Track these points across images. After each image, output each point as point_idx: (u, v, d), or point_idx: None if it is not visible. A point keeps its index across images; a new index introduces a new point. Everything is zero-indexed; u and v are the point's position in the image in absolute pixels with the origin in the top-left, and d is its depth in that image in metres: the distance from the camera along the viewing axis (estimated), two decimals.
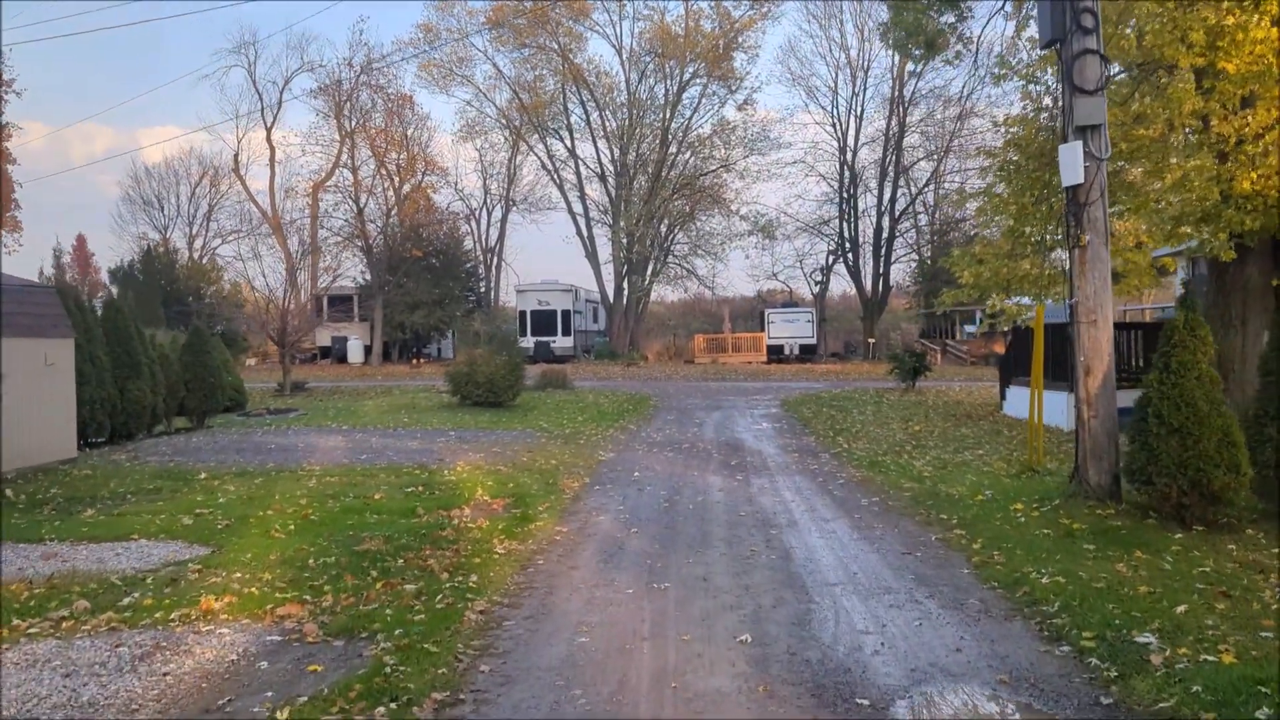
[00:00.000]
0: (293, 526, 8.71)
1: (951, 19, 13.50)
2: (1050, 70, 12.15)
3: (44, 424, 12.65)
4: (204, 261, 53.91)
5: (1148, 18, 10.65)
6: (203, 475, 12.08)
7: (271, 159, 52.19)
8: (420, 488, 10.79)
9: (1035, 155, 12.42)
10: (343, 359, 44.76)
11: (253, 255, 48.16)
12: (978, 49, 13.08)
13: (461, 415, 20.51)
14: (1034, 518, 8.23)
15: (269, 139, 52.63)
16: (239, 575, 6.90)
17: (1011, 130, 13.33)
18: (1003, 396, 20.44)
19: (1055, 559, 6.78)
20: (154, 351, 16.51)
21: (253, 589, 6.53)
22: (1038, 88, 12.83)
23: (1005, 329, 20.70)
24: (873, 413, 20.41)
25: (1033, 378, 11.72)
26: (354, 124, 45.44)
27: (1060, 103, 8.77)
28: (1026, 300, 36.00)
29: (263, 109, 53.55)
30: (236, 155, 54.72)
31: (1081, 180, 8.09)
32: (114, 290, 46.55)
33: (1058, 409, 16.95)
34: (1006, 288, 13.72)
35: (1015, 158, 13.13)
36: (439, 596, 6.33)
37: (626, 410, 21.79)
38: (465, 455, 13.84)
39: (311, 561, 7.26)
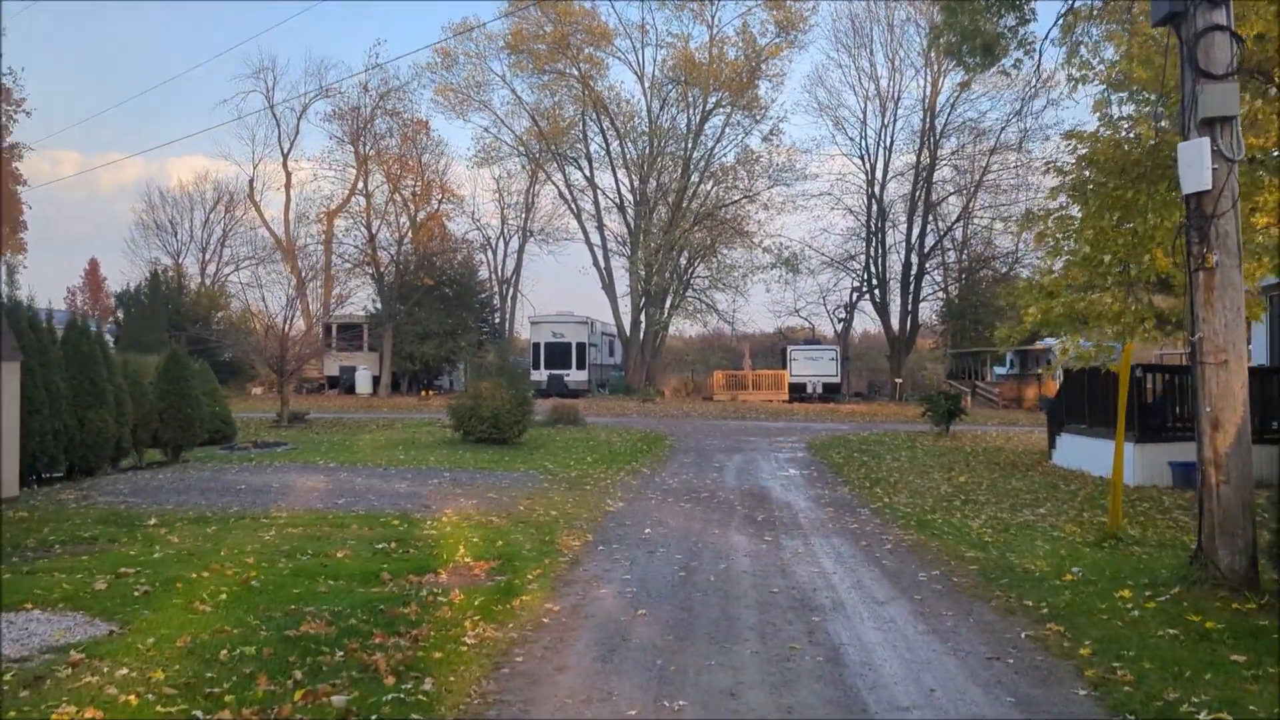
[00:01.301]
0: (225, 595, 7.10)
1: (1012, 21, 11.94)
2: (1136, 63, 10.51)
3: None
4: (214, 287, 52.78)
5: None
6: (152, 521, 10.52)
7: (287, 185, 51.24)
8: (393, 544, 9.17)
9: (1117, 171, 10.79)
10: (351, 390, 43.34)
11: (254, 282, 46.74)
12: (1040, 54, 11.41)
13: (462, 453, 18.92)
14: (1149, 610, 6.51)
15: (285, 165, 51.76)
16: (124, 673, 5.29)
17: (1083, 145, 11.67)
18: (1052, 444, 18.70)
19: (1204, 678, 5.08)
20: (122, 379, 15.02)
21: (131, 696, 4.91)
22: (1119, 95, 11.20)
23: (1059, 371, 19.01)
24: (908, 459, 18.69)
25: (1118, 429, 10.02)
26: (368, 149, 44.37)
27: (1166, 98, 7.14)
28: (1054, 341, 34.14)
29: (280, 135, 52.77)
30: (251, 181, 53.67)
31: (1209, 186, 6.47)
32: (119, 315, 45.38)
33: (1109, 460, 15.38)
34: (1082, 324, 12.01)
35: (1091, 174, 11.48)
36: (373, 718, 4.70)
37: (640, 451, 20.15)
38: (456, 502, 12.22)
39: (226, 652, 5.64)
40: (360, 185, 45.14)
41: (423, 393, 41.66)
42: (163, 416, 16.04)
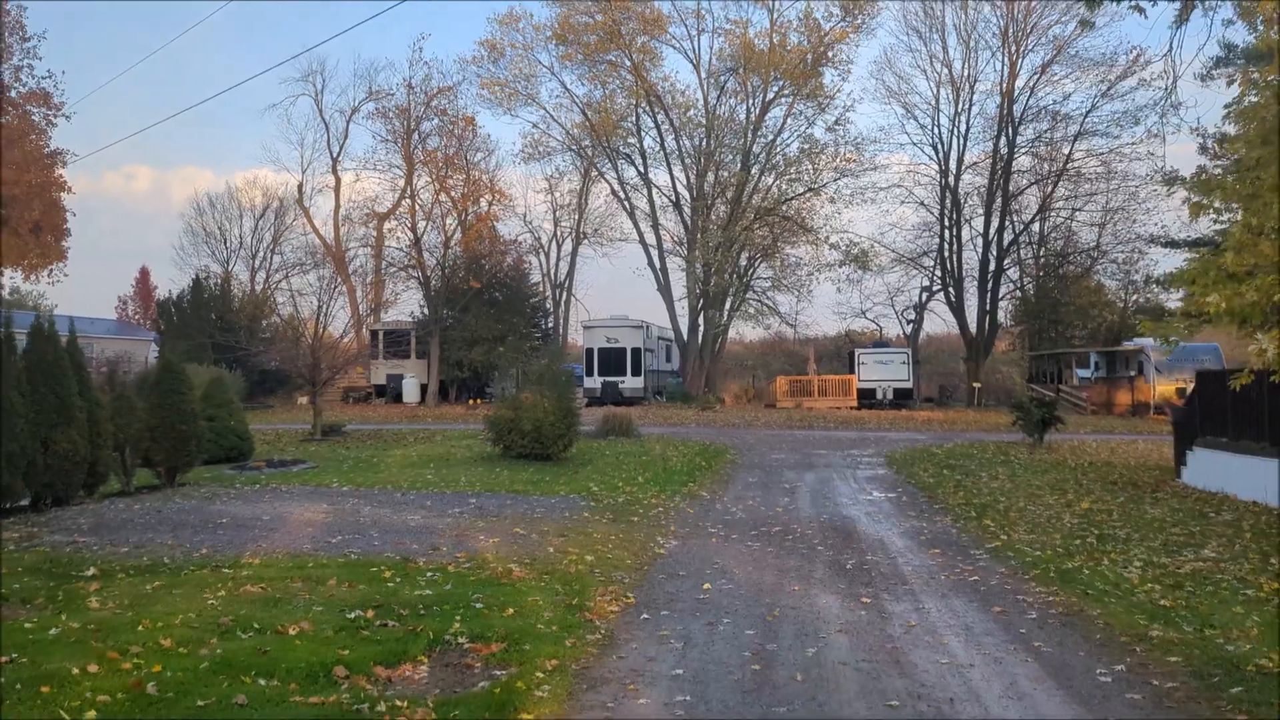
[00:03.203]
0: (93, 714, 4.93)
1: None
2: None
3: None
4: (259, 294, 51.52)
5: None
6: (89, 572, 8.46)
7: (336, 190, 49.85)
8: (371, 610, 6.94)
9: None
10: (398, 398, 41.63)
11: (302, 289, 45.29)
12: None
13: (498, 471, 16.78)
14: None
15: (334, 169, 50.37)
16: None
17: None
18: (1180, 460, 15.99)
19: None
20: (101, 393, 13.10)
21: None
22: None
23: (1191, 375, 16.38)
24: (1008, 477, 16.09)
25: None
26: (415, 149, 42.65)
27: None
28: (1148, 341, 31.01)
29: (329, 138, 51.43)
30: (301, 186, 52.37)
31: None
32: (161, 324, 44.24)
33: (1263, 482, 12.86)
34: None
35: None
36: None
37: (699, 467, 17.78)
38: (473, 541, 10.01)
39: None
40: (408, 187, 43.46)
41: (470, 401, 39.74)
42: (154, 434, 14.07)
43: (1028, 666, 5.92)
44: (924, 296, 45.93)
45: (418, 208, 42.94)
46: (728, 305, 44.11)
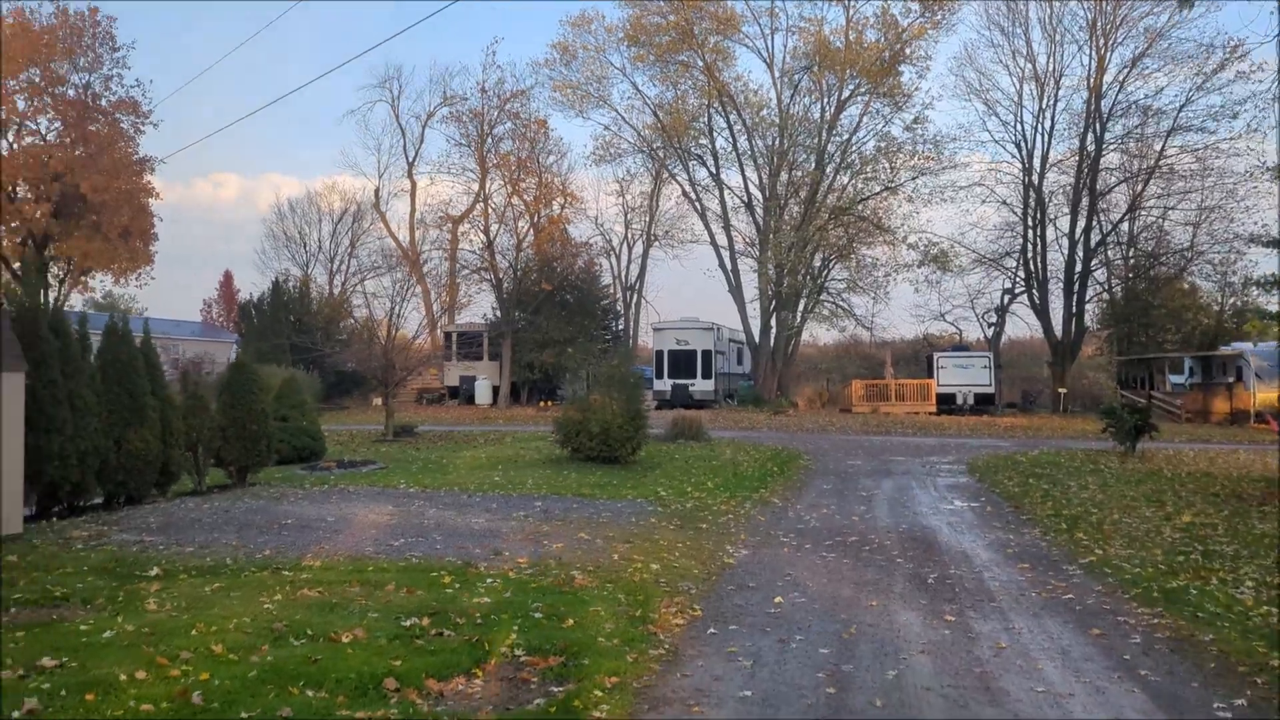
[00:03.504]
0: None
1: None
2: None
3: None
4: (336, 296, 52.28)
5: None
6: (152, 572, 8.37)
7: (412, 194, 50.37)
8: (428, 618, 6.67)
9: None
10: (471, 400, 41.83)
11: (377, 291, 45.81)
12: None
13: (566, 474, 16.53)
14: None
15: (410, 174, 50.91)
16: None
17: None
18: None
19: None
20: (174, 392, 13.16)
21: None
22: None
23: None
24: (1099, 487, 15.27)
25: None
26: (488, 152, 42.84)
27: None
28: (1248, 346, 29.48)
29: (404, 144, 52.03)
30: (378, 191, 53.08)
31: None
32: (242, 326, 45.13)
33: None
34: None
35: None
36: None
37: (771, 473, 17.29)
38: (536, 546, 9.72)
39: None
40: (481, 190, 43.70)
41: (541, 403, 39.70)
42: (225, 434, 14.10)
43: (1134, 698, 5.38)
44: (1006, 299, 44.62)
45: (490, 211, 43.15)
46: (801, 307, 43.37)
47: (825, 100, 41.73)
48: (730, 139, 42.96)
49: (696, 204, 44.91)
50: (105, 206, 38.36)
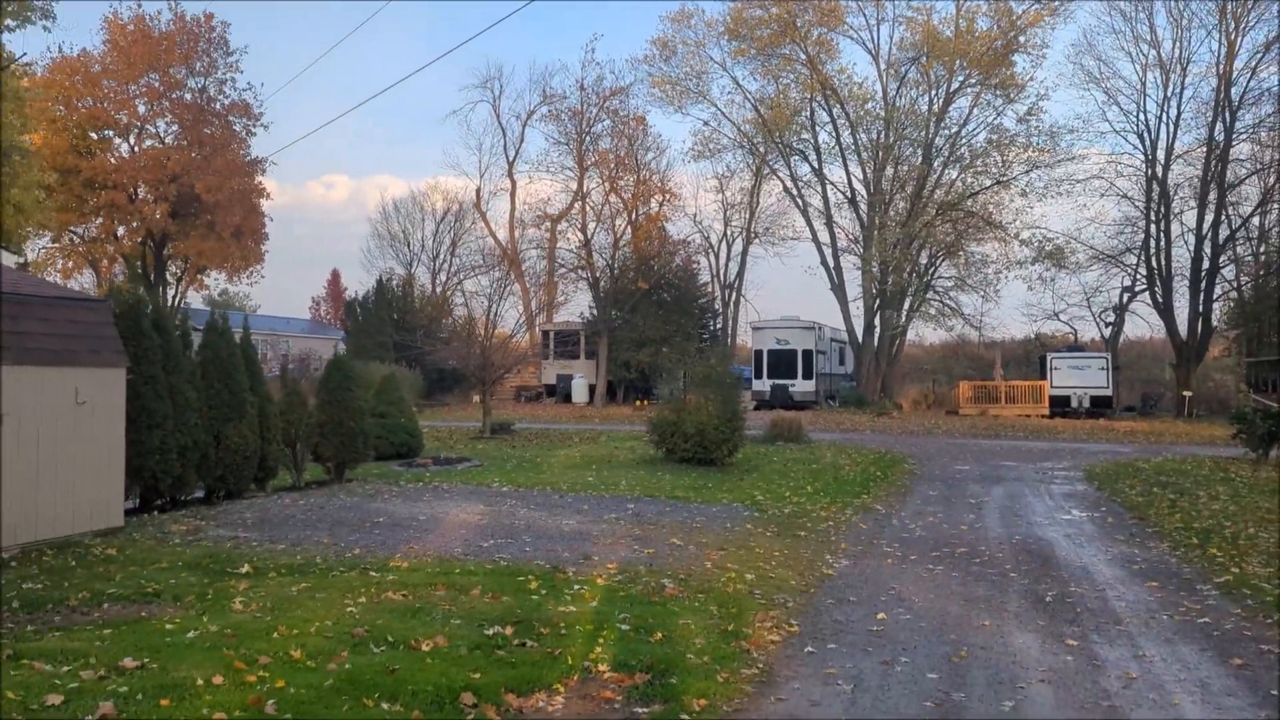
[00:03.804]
0: None
1: None
2: None
3: (73, 483, 9.39)
4: (438, 295, 53.05)
5: None
6: (243, 569, 8.36)
7: (512, 193, 50.75)
8: (511, 627, 6.40)
9: None
10: (567, 398, 41.96)
11: (478, 290, 46.24)
12: None
13: (660, 475, 16.22)
14: None
15: (510, 173, 51.30)
16: None
17: None
18: None
19: None
20: (272, 388, 13.27)
21: None
22: None
23: None
24: (1230, 497, 14.21)
25: None
26: (587, 149, 42.88)
27: None
28: None
29: (505, 143, 52.49)
30: (479, 190, 53.68)
31: None
32: (347, 323, 46.14)
33: None
34: None
35: None
36: None
37: (874, 478, 16.65)
38: (627, 550, 9.42)
39: None
40: (579, 188, 43.76)
41: (637, 402, 39.49)
42: (322, 430, 14.20)
43: None
44: (1125, 297, 42.57)
45: (588, 209, 43.16)
46: (906, 306, 42.16)
47: (933, 92, 40.47)
48: (833, 133, 42.06)
49: (798, 200, 44.11)
50: (219, 206, 39.70)
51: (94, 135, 39.15)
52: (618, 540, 10.04)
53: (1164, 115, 39.85)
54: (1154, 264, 40.38)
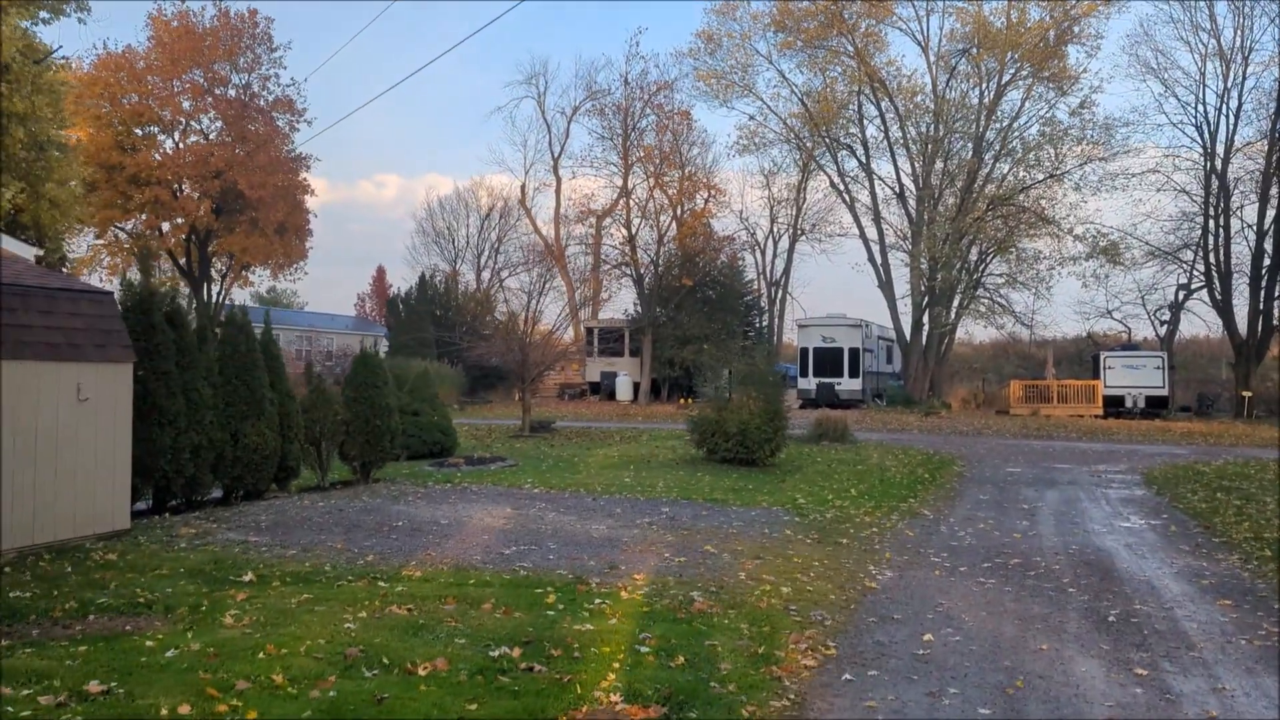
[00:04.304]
0: None
1: None
2: None
3: (75, 484, 9.05)
4: (480, 292, 52.87)
5: None
6: (246, 577, 7.92)
7: (557, 190, 50.39)
8: (519, 648, 5.89)
9: None
10: (611, 395, 41.54)
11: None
12: None
13: (699, 476, 15.68)
14: None
15: (555, 170, 50.96)
16: None
17: None
18: None
19: None
20: (289, 383, 12.90)
21: None
22: None
23: None
24: None
25: None
26: (632, 144, 42.38)
27: None
28: None
29: (550, 139, 52.17)
30: (523, 187, 53.40)
31: None
32: (390, 320, 46.12)
33: None
34: None
35: None
36: None
37: (921, 480, 15.96)
38: (656, 558, 8.88)
39: None
40: (624, 184, 43.26)
41: (681, 400, 38.93)
42: (348, 429, 13.82)
43: None
44: (1181, 295, 41.17)
45: (633, 205, 42.66)
46: (955, 303, 41.07)
47: (984, 85, 39.38)
48: (881, 127, 41.10)
49: (845, 195, 43.22)
50: (262, 202, 39.73)
51: (139, 131, 39.36)
52: (648, 548, 9.50)
53: (1224, 106, 38.44)
54: (1212, 260, 38.98)
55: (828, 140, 41.83)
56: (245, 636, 6.11)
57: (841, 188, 43.18)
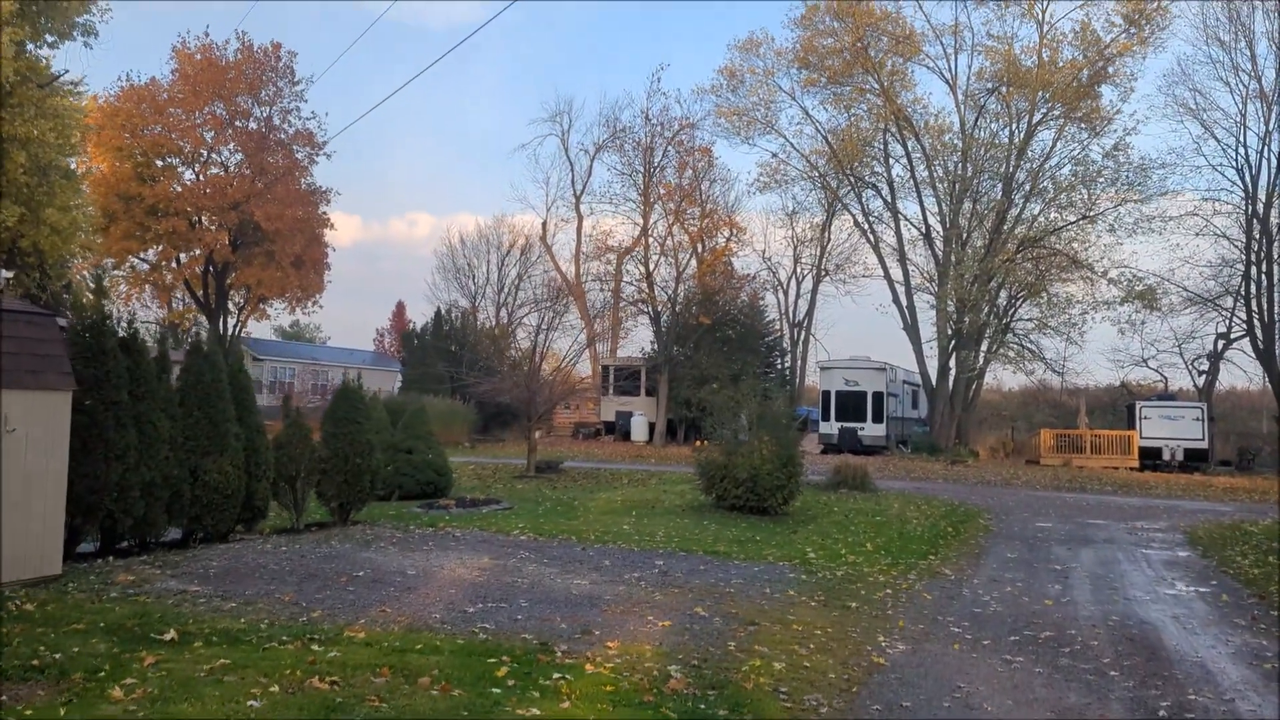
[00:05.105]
0: None
1: None
2: None
3: (0, 524, 8.15)
4: (495, 328, 52.16)
5: None
6: (169, 635, 6.97)
7: (579, 227, 49.80)
8: None
9: None
10: (626, 436, 40.51)
11: (542, 324, 45.28)
12: None
13: (704, 525, 14.67)
14: None
15: (577, 207, 50.41)
16: None
17: None
18: None
19: None
20: (258, 417, 12.01)
21: None
22: None
23: None
24: None
25: None
26: (652, 180, 41.73)
27: None
28: None
29: (573, 177, 51.65)
30: (545, 224, 52.82)
31: None
32: (403, 355, 45.47)
33: None
34: None
35: None
36: None
37: (944, 534, 14.83)
38: (637, 623, 7.84)
39: None
40: (645, 222, 42.55)
41: (696, 443, 37.79)
42: (325, 468, 12.91)
43: None
44: (1220, 344, 39.72)
45: (652, 242, 41.91)
46: (983, 347, 39.79)
47: (1014, 124, 38.39)
48: (908, 166, 40.15)
49: (869, 235, 42.22)
50: (279, 235, 39.31)
51: (159, 162, 39.15)
52: (631, 608, 8.47)
53: (1265, 149, 37.24)
54: (1253, 308, 37.59)
55: (852, 179, 40.95)
56: (128, 716, 5.14)
57: (866, 227, 42.24)
